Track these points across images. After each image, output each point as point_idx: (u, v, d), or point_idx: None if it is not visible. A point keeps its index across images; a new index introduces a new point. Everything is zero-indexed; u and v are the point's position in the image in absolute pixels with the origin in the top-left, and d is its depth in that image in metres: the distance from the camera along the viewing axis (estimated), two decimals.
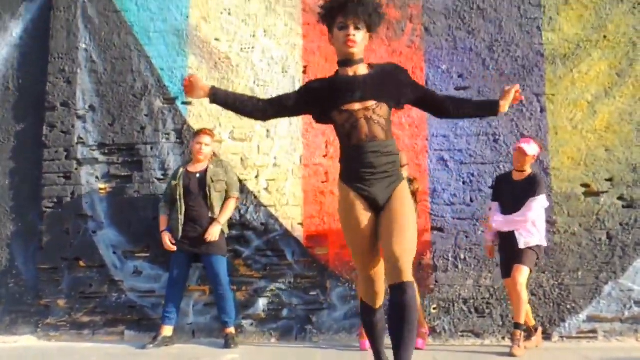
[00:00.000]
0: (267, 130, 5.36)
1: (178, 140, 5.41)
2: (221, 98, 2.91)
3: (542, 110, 5.17)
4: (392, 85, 2.93)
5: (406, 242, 2.75)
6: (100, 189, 5.43)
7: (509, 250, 4.49)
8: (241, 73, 5.44)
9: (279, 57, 5.45)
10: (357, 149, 2.85)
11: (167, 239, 4.80)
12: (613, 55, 5.20)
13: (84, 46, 5.63)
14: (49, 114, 5.54)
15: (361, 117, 2.85)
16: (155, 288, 5.22)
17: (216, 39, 5.51)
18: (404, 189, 2.91)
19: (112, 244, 5.33)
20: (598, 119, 5.15)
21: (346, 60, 2.91)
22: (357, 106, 2.85)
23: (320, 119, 2.99)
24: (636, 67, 5.17)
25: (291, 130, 5.33)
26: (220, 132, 5.34)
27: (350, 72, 2.91)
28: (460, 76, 5.28)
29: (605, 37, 5.23)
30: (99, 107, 5.53)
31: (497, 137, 5.17)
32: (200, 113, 5.42)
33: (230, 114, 5.36)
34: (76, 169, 5.46)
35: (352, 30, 2.83)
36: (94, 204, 5.41)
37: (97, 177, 5.44)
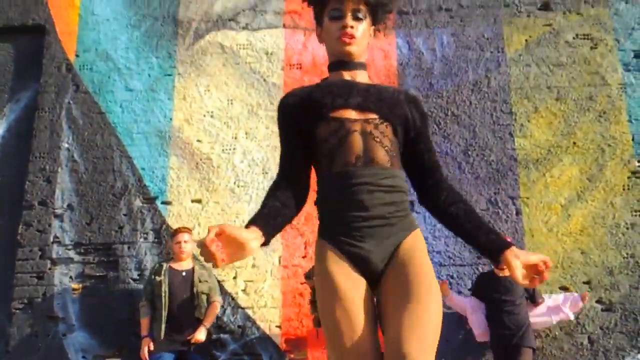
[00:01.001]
0: None
1: (156, 240, 5.37)
2: (271, 233, 1.87)
3: (518, 213, 5.27)
4: (404, 113, 2.02)
5: (425, 336, 1.73)
6: (74, 289, 5.30)
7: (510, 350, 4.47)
8: (222, 174, 5.50)
9: (260, 159, 5.55)
10: (342, 177, 1.91)
11: (145, 350, 4.50)
12: (583, 160, 5.39)
13: (66, 145, 5.70)
14: (26, 212, 5.50)
15: (355, 130, 1.94)
16: None
17: (198, 140, 5.62)
18: (416, 245, 1.92)
19: (82, 348, 5.13)
20: (572, 222, 5.25)
21: (340, 62, 2.06)
22: (352, 114, 1.97)
23: (303, 147, 2.02)
24: (606, 172, 5.35)
25: None
26: (199, 232, 5.32)
27: (347, 76, 2.06)
28: None
29: (574, 143, 5.43)
30: (78, 206, 5.51)
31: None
32: (180, 212, 5.43)
33: (210, 213, 5.39)
34: (50, 269, 5.35)
35: (349, 20, 1.99)
36: (66, 305, 5.27)
37: (70, 277, 5.33)
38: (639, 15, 5.72)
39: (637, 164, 5.33)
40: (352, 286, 1.86)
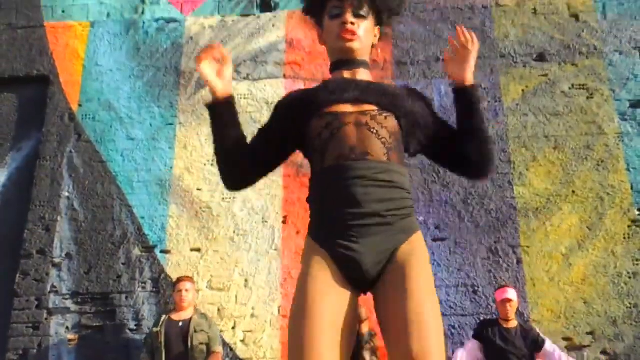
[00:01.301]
0: (246, 280, 5.32)
1: (154, 290, 5.32)
2: (226, 113, 1.94)
3: (519, 262, 5.23)
4: (407, 105, 1.92)
5: (432, 338, 1.58)
6: (70, 340, 5.22)
7: None
8: (221, 222, 5.50)
9: (260, 207, 5.55)
10: (334, 171, 1.78)
11: None
12: (583, 209, 5.39)
13: (66, 194, 5.71)
14: (24, 261, 5.47)
15: (349, 123, 1.82)
16: None
17: (198, 189, 5.64)
18: (416, 250, 1.74)
19: None
20: (574, 271, 5.21)
21: (342, 61, 1.97)
22: (347, 108, 1.86)
23: (296, 144, 1.96)
24: (606, 221, 5.34)
25: (270, 280, 5.29)
26: (198, 282, 5.28)
27: (348, 74, 1.96)
28: (437, 227, 5.39)
29: (573, 192, 5.44)
30: (76, 255, 5.48)
31: (476, 289, 5.17)
32: (179, 262, 5.40)
33: (209, 262, 5.36)
34: (46, 319, 5.28)
35: (349, 16, 1.92)
36: (62, 356, 5.18)
37: (67, 328, 5.26)
38: (632, 66, 5.82)
39: (637, 212, 5.33)
40: (330, 304, 1.66)
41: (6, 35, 6.38)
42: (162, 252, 5.43)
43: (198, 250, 5.39)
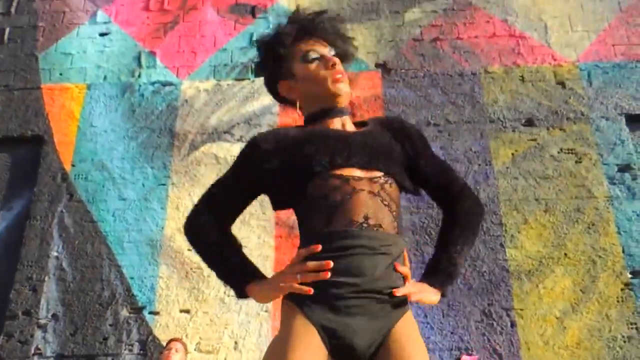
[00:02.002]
0: (235, 342, 5.20)
1: (141, 352, 5.19)
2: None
3: (512, 325, 5.17)
4: (402, 150, 1.83)
5: None
6: None
7: None
8: (212, 283, 5.43)
9: None
10: (340, 237, 1.65)
11: None
12: (575, 272, 5.38)
13: (55, 254, 5.64)
14: (9, 322, 5.34)
15: (363, 190, 1.69)
16: None
17: (189, 249, 5.58)
18: (410, 329, 1.67)
19: None
20: (568, 335, 5.15)
21: (326, 111, 1.82)
22: (357, 173, 1.72)
23: (283, 199, 1.87)
24: (599, 284, 5.32)
25: (260, 342, 5.18)
26: (187, 344, 5.16)
27: (337, 124, 1.82)
28: None
29: (565, 254, 5.44)
30: (63, 316, 5.37)
31: (470, 352, 5.08)
32: (167, 323, 5.29)
33: (198, 324, 5.25)
34: None
35: (332, 56, 1.81)
36: None
37: None
38: (619, 132, 5.95)
39: (629, 275, 5.32)
40: None
41: (2, 97, 6.47)
42: (150, 313, 5.33)
43: (187, 311, 5.30)
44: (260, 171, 1.83)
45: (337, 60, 1.81)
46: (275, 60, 1.86)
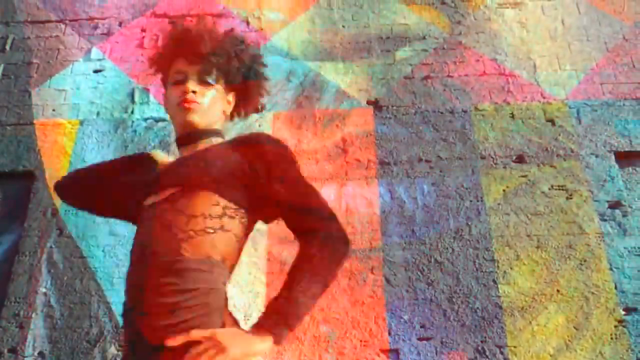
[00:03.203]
0: None
1: None
2: None
3: None
4: (245, 170, 1.66)
5: None
6: None
7: None
8: None
9: (242, 305, 5.44)
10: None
11: None
12: (568, 308, 5.35)
13: (43, 290, 5.57)
14: None
15: (156, 213, 1.63)
16: None
17: None
18: None
19: None
20: None
21: (183, 137, 1.78)
22: (153, 199, 1.69)
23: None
24: (592, 320, 5.28)
25: None
26: None
27: (186, 152, 1.78)
28: (422, 326, 5.29)
29: (558, 291, 5.42)
30: (49, 353, 5.27)
31: None
32: None
33: None
34: None
35: (191, 84, 1.72)
36: None
37: None
38: (609, 169, 6.00)
39: (622, 312, 5.30)
40: None
41: None
42: None
43: None
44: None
45: (189, 87, 1.70)
46: (162, 66, 1.81)
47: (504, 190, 5.93)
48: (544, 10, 6.88)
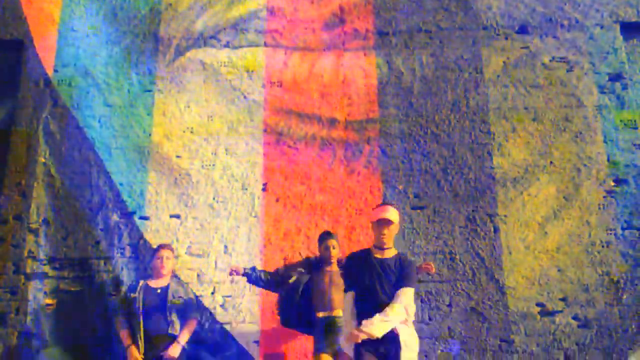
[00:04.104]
0: (225, 246, 5.31)
1: (133, 255, 5.29)
2: None
3: (496, 230, 5.30)
4: None
5: None
6: (48, 304, 5.19)
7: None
8: (201, 189, 5.47)
9: (240, 175, 5.52)
10: None
11: (136, 354, 4.48)
12: (560, 179, 5.46)
13: (43, 160, 5.62)
14: (0, 227, 5.39)
15: None
16: None
17: (177, 156, 5.59)
18: None
19: None
20: (549, 240, 5.29)
21: None
22: None
23: None
24: (582, 191, 5.41)
25: (249, 246, 5.29)
26: (177, 247, 5.26)
27: None
28: (416, 196, 5.42)
29: (551, 162, 5.50)
30: (53, 220, 5.41)
31: (454, 256, 5.23)
32: (158, 228, 5.37)
33: (188, 228, 5.34)
34: (24, 284, 5.23)
35: None
36: (39, 320, 5.15)
37: (45, 293, 5.21)
38: (613, 40, 5.86)
39: (612, 183, 5.42)
40: None
41: None
42: (140, 218, 5.39)
43: (177, 216, 5.37)
44: None
45: None
46: None
47: (504, 62, 5.83)
48: None
